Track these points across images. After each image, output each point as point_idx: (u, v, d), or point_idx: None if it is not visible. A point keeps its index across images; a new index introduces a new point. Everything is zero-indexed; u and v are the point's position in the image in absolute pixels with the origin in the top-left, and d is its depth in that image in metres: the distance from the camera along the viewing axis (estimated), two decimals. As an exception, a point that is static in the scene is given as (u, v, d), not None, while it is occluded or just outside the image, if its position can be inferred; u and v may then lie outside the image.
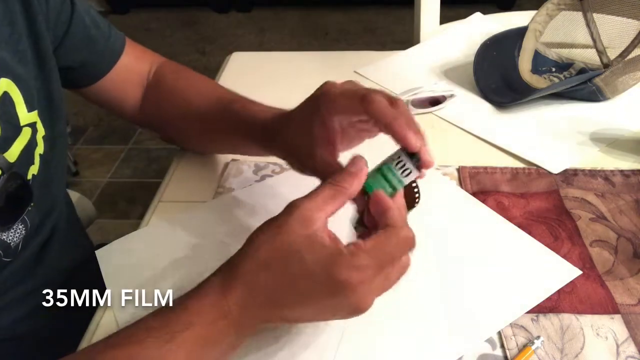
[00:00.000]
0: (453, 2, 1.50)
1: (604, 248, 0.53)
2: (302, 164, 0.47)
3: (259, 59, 0.99)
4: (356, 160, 0.40)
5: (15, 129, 0.50)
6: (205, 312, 0.37)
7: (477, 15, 0.99)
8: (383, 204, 0.39)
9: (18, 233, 0.52)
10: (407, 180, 0.41)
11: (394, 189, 0.41)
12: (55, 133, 0.56)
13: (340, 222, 0.41)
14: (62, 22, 0.57)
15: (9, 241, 0.51)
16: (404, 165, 0.40)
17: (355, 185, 0.39)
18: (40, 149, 0.53)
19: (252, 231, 0.39)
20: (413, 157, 0.40)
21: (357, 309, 0.37)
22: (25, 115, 0.51)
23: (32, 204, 0.52)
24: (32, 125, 0.52)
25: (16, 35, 0.50)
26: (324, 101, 0.43)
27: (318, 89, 0.45)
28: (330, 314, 0.39)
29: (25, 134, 0.51)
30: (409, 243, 0.38)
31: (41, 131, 0.53)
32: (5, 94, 0.48)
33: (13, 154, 0.49)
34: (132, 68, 0.66)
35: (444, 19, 0.99)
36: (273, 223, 0.38)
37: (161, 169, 2.01)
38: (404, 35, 2.60)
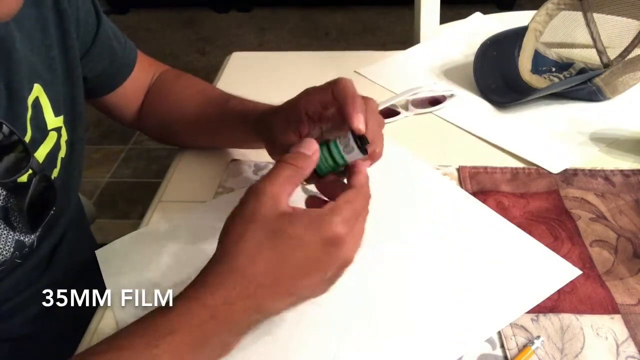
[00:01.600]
0: (453, 2, 1.50)
1: (604, 248, 0.53)
2: (274, 143, 0.52)
3: (259, 59, 0.99)
4: (309, 142, 0.43)
5: (42, 132, 0.51)
6: (191, 314, 0.37)
7: (477, 15, 0.99)
8: (356, 166, 0.43)
9: (34, 233, 0.53)
10: (349, 158, 0.43)
11: (336, 163, 0.43)
12: (76, 137, 0.57)
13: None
14: (89, 33, 0.59)
15: (24, 240, 0.51)
16: (349, 143, 0.42)
17: (310, 165, 0.42)
18: (62, 152, 0.55)
19: (222, 228, 0.40)
20: (362, 140, 0.42)
21: (346, 260, 0.39)
22: (52, 119, 0.52)
23: (54, 208, 0.53)
24: (58, 130, 0.53)
25: (48, 42, 0.51)
26: (303, 93, 0.49)
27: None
28: (323, 278, 0.39)
29: (51, 138, 0.52)
30: (369, 196, 0.42)
31: (64, 135, 0.55)
32: (36, 98, 0.50)
33: (40, 157, 0.50)
34: (140, 78, 0.68)
35: (444, 19, 0.99)
36: (244, 214, 0.39)
37: (161, 169, 2.01)
38: (404, 35, 2.60)
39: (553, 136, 0.70)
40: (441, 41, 0.94)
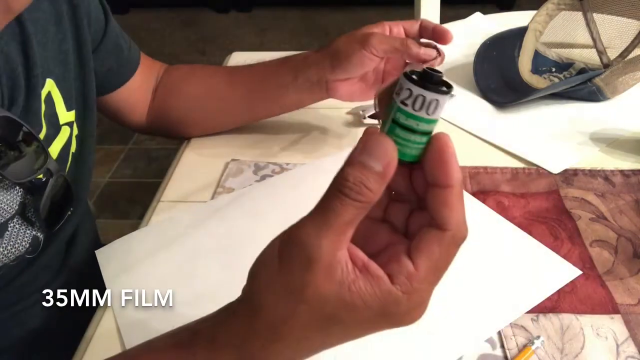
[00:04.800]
0: (453, 2, 1.50)
1: (604, 248, 0.53)
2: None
3: (259, 59, 0.99)
4: (379, 145, 0.26)
5: (55, 128, 0.51)
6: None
7: (477, 15, 0.99)
8: (447, 196, 0.29)
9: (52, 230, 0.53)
10: (429, 114, 0.26)
11: (416, 131, 0.26)
12: (86, 132, 0.58)
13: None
14: (99, 28, 0.60)
15: (39, 236, 0.51)
16: (412, 93, 0.25)
17: (383, 185, 0.27)
18: (73, 147, 0.55)
19: (261, 293, 0.29)
20: (426, 76, 0.25)
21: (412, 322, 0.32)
22: (64, 114, 0.53)
23: (71, 209, 0.54)
24: (70, 125, 0.54)
25: (61, 35, 0.52)
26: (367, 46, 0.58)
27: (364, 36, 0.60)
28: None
29: (64, 133, 0.53)
30: (464, 239, 0.31)
31: (75, 130, 0.55)
32: (49, 93, 0.50)
33: (53, 152, 0.51)
34: (144, 78, 0.69)
35: (444, 19, 0.99)
36: (290, 287, 0.28)
37: (161, 169, 2.01)
38: (404, 35, 2.60)
39: (553, 136, 0.70)
40: (441, 41, 0.94)
